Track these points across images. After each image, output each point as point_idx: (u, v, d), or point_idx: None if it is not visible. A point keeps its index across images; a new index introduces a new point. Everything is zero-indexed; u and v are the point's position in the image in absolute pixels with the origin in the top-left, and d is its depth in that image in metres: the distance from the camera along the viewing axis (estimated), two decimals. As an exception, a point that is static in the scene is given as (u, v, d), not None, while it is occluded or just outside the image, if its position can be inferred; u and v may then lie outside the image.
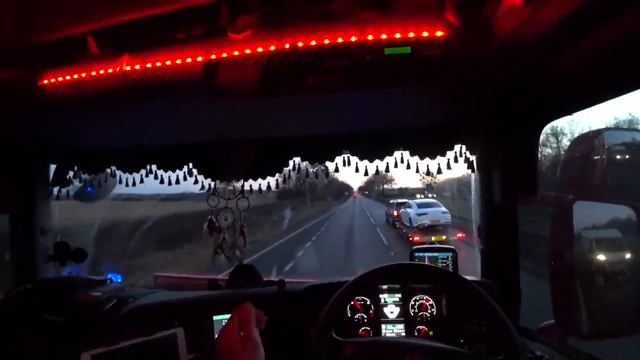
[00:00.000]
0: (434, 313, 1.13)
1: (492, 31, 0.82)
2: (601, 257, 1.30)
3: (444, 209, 9.79)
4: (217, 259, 1.33)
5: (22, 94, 1.04)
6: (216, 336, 1.08)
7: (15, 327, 1.28)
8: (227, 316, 1.11)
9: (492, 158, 1.19)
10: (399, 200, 12.86)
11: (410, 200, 11.23)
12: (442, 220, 9.04)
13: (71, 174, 1.44)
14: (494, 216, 1.18)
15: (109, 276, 1.38)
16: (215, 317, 1.11)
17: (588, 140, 1.19)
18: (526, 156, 1.11)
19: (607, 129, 1.07)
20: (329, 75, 0.90)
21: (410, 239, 8.72)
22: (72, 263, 1.45)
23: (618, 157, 1.14)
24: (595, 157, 1.11)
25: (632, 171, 1.14)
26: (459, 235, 7.97)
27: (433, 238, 6.66)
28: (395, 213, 11.37)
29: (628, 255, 1.23)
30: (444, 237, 8.07)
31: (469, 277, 1.11)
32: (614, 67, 0.79)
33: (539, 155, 1.15)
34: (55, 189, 1.54)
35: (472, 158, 1.25)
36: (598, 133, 1.19)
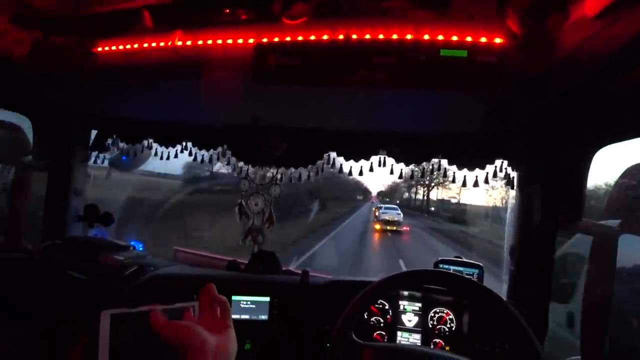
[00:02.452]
0: (453, 328, 1.09)
1: (555, 44, 0.78)
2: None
3: (398, 211, 16.37)
4: (243, 242, 1.34)
5: (74, 60, 1.07)
6: (233, 316, 1.09)
7: (41, 278, 1.34)
8: (246, 298, 1.12)
9: (535, 177, 1.12)
10: (379, 205, 20.60)
11: (382, 205, 19.60)
12: (395, 217, 15.27)
13: (110, 141, 1.49)
14: (530, 238, 1.12)
15: (131, 243, 1.41)
16: (233, 297, 1.12)
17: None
18: (574, 179, 1.04)
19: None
20: (379, 72, 0.88)
21: (374, 225, 15.20)
22: (99, 226, 1.50)
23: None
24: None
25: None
26: (405, 227, 14.99)
27: (388, 227, 14.37)
28: (375, 212, 17.28)
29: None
30: (395, 227, 14.50)
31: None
32: None
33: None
34: (93, 154, 1.60)
35: (513, 175, 1.19)
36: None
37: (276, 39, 0.89)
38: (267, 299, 1.14)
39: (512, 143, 1.17)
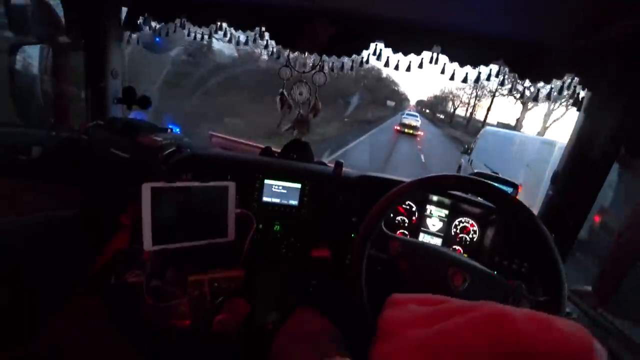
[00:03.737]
0: (475, 239, 1.10)
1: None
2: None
3: (417, 117, 19.06)
4: (290, 131, 1.33)
5: None
6: (264, 198, 1.15)
7: (88, 155, 1.43)
8: (278, 182, 1.15)
9: (609, 100, 0.98)
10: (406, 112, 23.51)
11: (406, 111, 22.64)
12: (413, 122, 17.56)
13: (141, 19, 1.41)
14: (581, 166, 1.03)
15: (169, 126, 1.45)
16: (266, 181, 1.16)
17: None
18: None
19: None
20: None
21: (395, 127, 17.91)
22: (138, 108, 1.53)
23: None
24: None
25: None
26: (420, 132, 17.61)
27: (406, 130, 17.18)
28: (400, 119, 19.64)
29: None
30: (412, 131, 17.11)
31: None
32: None
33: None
34: (126, 34, 1.54)
35: (583, 94, 1.04)
36: None
37: None
38: (299, 185, 1.16)
39: (592, 58, 0.99)
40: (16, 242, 1.09)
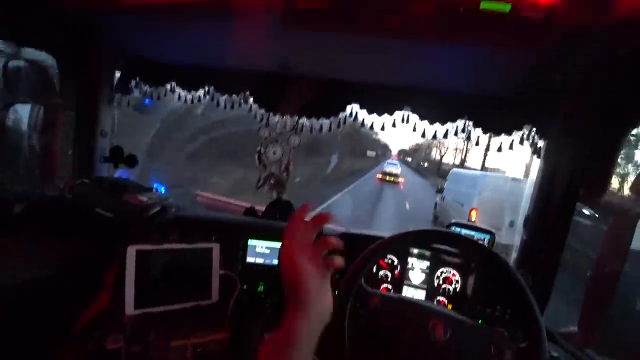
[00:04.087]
0: (458, 289, 1.12)
1: (605, 7, 0.72)
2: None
3: (397, 165, 21.19)
4: (261, 189, 1.37)
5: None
6: (248, 259, 1.16)
7: (72, 215, 1.43)
8: (262, 242, 1.17)
9: (563, 147, 1.08)
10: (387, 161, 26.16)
11: (388, 160, 24.02)
12: (394, 170, 18.98)
13: (133, 83, 1.50)
14: (548, 209, 1.11)
15: (154, 185, 1.47)
16: (250, 242, 1.17)
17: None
18: (604, 153, 1.00)
19: None
20: (413, 21, 0.83)
21: (378, 176, 18.98)
22: (124, 167, 1.56)
23: None
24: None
25: None
26: (401, 179, 18.59)
27: (387, 178, 18.43)
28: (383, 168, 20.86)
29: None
30: (392, 179, 18.28)
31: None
32: None
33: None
34: (117, 96, 1.62)
35: (540, 144, 1.14)
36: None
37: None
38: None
39: (544, 110, 1.11)
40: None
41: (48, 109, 1.70)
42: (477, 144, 1.17)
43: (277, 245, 1.18)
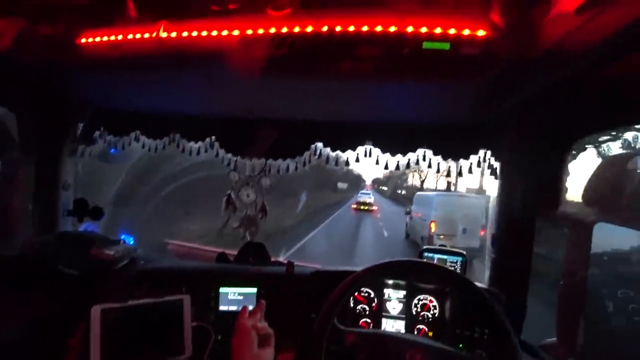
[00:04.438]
0: (436, 315, 1.13)
1: (538, 37, 0.80)
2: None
3: (370, 195, 20.78)
4: (238, 231, 1.36)
5: (59, 50, 1.06)
6: (221, 307, 1.13)
7: (33, 274, 1.34)
8: (234, 289, 1.14)
9: (517, 167, 1.15)
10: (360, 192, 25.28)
11: (361, 191, 23.64)
12: (367, 200, 19.04)
13: (97, 133, 1.48)
14: (511, 226, 1.16)
15: (122, 237, 1.42)
16: (221, 289, 1.14)
17: (620, 162, 1.15)
18: (554, 169, 1.08)
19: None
20: (363, 63, 0.89)
21: (352, 206, 19.14)
22: (89, 220, 1.50)
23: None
24: (626, 181, 1.07)
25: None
26: (375, 207, 18.80)
27: (362, 207, 17.93)
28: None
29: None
30: (367, 207, 18.21)
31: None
32: None
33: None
34: (81, 147, 1.59)
35: (497, 165, 1.21)
36: (632, 156, 1.15)
37: (261, 31, 0.89)
38: (255, 289, 1.15)
39: (495, 134, 1.19)
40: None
41: (6, 163, 1.63)
42: (438, 170, 1.22)
43: (250, 290, 1.15)
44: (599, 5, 0.63)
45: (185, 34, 0.95)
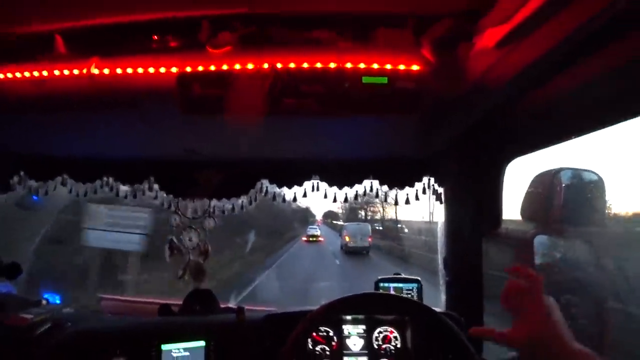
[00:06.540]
0: (398, 345, 1.10)
1: (465, 70, 0.87)
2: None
3: (317, 228, 25.20)
4: (182, 279, 1.24)
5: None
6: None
7: None
8: (178, 345, 1.01)
9: (459, 191, 1.22)
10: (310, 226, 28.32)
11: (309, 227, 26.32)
12: (315, 232, 23.21)
13: (16, 179, 1.30)
14: (459, 248, 1.20)
15: (44, 296, 1.23)
16: (163, 347, 1.00)
17: (548, 178, 1.26)
18: (491, 191, 1.15)
19: (562, 168, 1.14)
20: (305, 100, 0.90)
21: (303, 239, 22.85)
22: (4, 280, 1.28)
23: (572, 195, 1.21)
24: (554, 195, 1.17)
25: (583, 208, 1.21)
26: (321, 238, 22.86)
27: (311, 239, 22.62)
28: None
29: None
30: (315, 239, 22.22)
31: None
32: (576, 109, 0.85)
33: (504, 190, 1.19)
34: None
35: (441, 190, 1.27)
36: (557, 172, 1.26)
37: (200, 68, 0.87)
38: (202, 343, 1.04)
39: (437, 162, 1.27)
40: None
41: None
42: (385, 200, 1.25)
43: (198, 344, 1.04)
44: (517, 39, 0.71)
45: (119, 70, 0.90)
